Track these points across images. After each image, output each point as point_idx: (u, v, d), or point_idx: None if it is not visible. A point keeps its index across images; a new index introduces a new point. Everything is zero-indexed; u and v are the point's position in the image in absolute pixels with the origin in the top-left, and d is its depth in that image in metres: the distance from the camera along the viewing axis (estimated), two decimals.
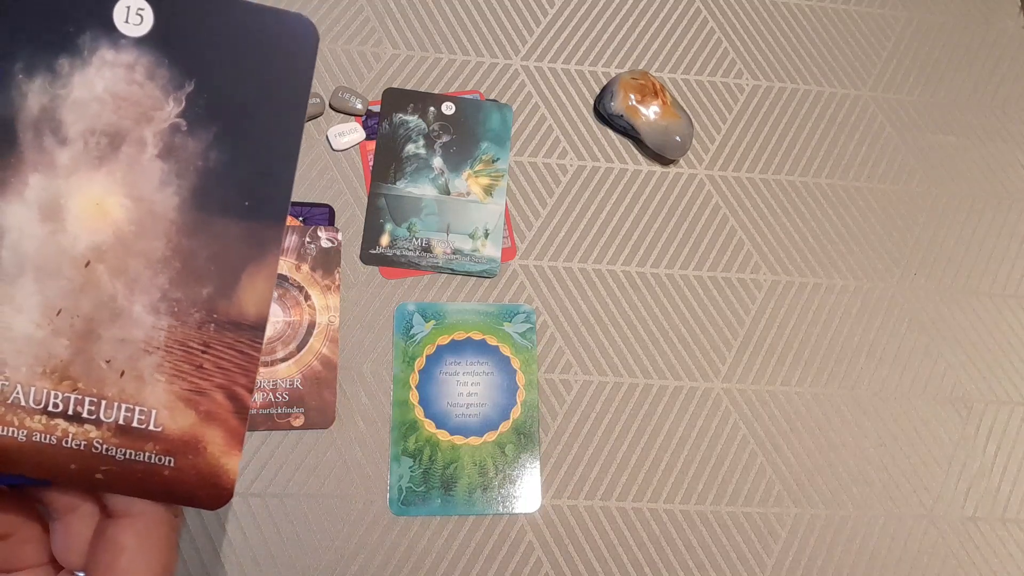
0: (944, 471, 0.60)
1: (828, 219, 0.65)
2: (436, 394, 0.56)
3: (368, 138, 0.61)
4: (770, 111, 0.67)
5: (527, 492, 0.55)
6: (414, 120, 0.62)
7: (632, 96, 0.62)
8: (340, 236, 0.58)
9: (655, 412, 0.58)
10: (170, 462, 0.24)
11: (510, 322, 0.58)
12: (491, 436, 0.56)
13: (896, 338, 0.63)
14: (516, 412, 0.56)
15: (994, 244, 0.67)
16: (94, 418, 0.23)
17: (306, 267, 0.57)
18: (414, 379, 0.56)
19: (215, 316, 0.24)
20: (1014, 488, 0.60)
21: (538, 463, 0.55)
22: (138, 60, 0.23)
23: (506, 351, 0.58)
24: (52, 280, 0.23)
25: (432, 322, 0.58)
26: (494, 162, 0.62)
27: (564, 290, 0.60)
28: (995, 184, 0.68)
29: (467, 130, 0.62)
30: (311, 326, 0.56)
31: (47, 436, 0.23)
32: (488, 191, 0.61)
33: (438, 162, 0.61)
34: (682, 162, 0.65)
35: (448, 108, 0.62)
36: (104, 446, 0.23)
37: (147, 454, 0.24)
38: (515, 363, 0.57)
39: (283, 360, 0.55)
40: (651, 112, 0.62)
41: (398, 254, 0.59)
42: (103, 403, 0.23)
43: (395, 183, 0.60)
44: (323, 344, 0.56)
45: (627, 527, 0.55)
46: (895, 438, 0.60)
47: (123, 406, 0.23)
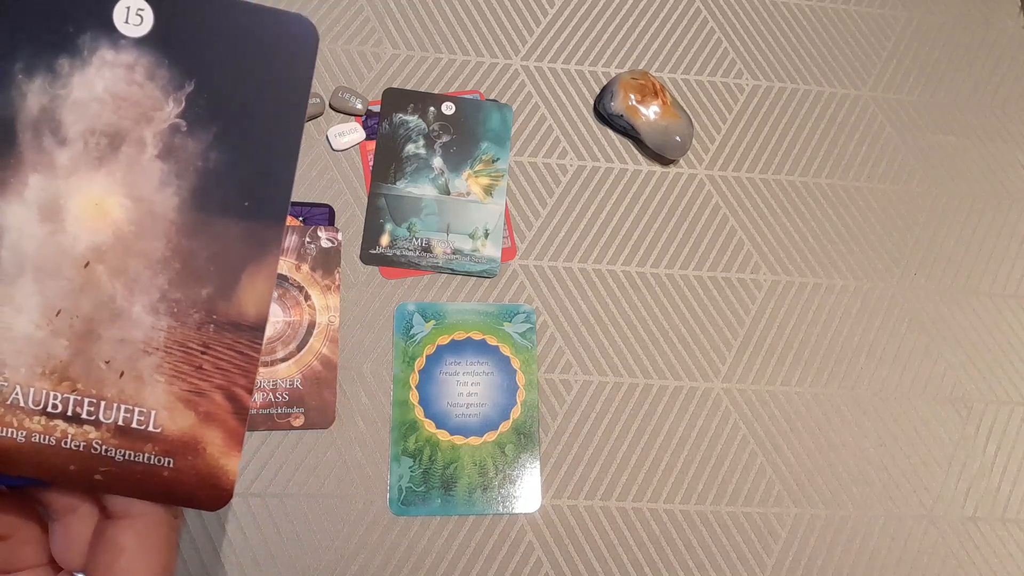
0: (944, 471, 0.60)
1: (828, 219, 0.65)
2: (436, 394, 0.56)
3: (368, 138, 0.61)
4: (770, 111, 0.67)
5: (527, 492, 0.55)
6: (414, 120, 0.62)
7: (632, 96, 0.62)
8: (340, 236, 0.58)
9: (655, 412, 0.58)
10: (169, 463, 0.24)
11: (510, 322, 0.58)
12: (491, 436, 0.56)
13: (896, 338, 0.63)
14: (516, 412, 0.56)
15: (994, 244, 0.66)
16: (93, 419, 0.23)
17: (306, 267, 0.57)
18: (414, 379, 0.56)
19: (215, 317, 0.24)
20: (1014, 488, 0.60)
21: (538, 463, 0.55)
22: (138, 60, 0.23)
23: (506, 351, 0.58)
24: (52, 280, 0.23)
25: (432, 322, 0.57)
26: (494, 162, 0.62)
27: (564, 290, 0.60)
28: (995, 184, 0.68)
29: (467, 130, 0.62)
30: (311, 326, 0.56)
31: (46, 437, 0.23)
32: (488, 191, 0.61)
33: (438, 162, 0.61)
34: (682, 162, 0.65)
35: (448, 108, 0.62)
36: (103, 447, 0.23)
37: (146, 455, 0.24)
38: (515, 363, 0.57)
39: (283, 360, 0.55)
40: (651, 112, 0.62)
41: (398, 254, 0.59)
42: (102, 404, 0.23)
43: (395, 183, 0.60)
44: (323, 344, 0.56)
45: (627, 527, 0.55)
46: (895, 438, 0.60)
47: (122, 407, 0.23)
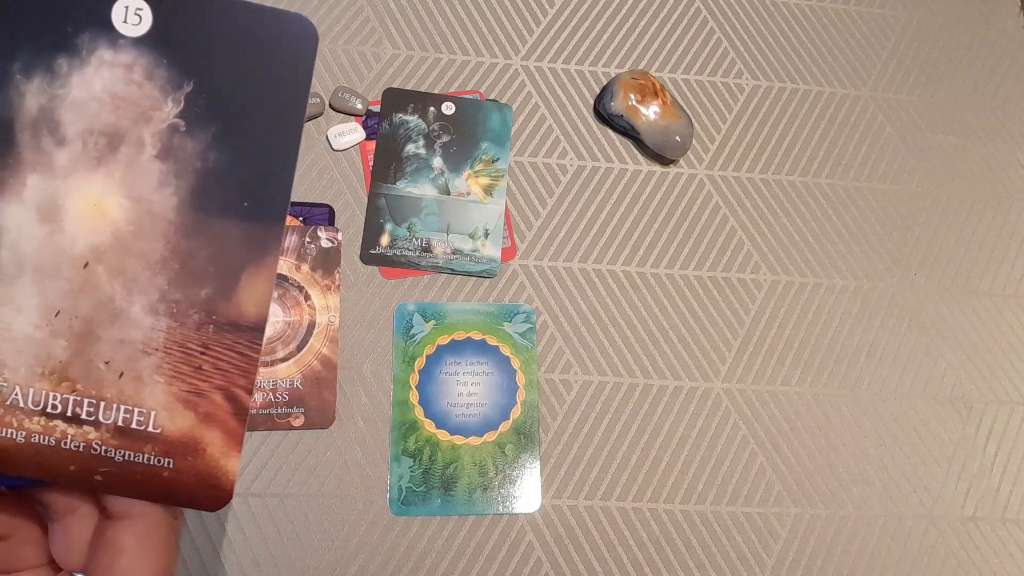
0: (944, 471, 0.60)
1: (828, 219, 0.65)
2: (436, 394, 0.56)
3: (368, 138, 0.61)
4: (770, 111, 0.67)
5: (527, 492, 0.55)
6: (414, 120, 0.62)
7: (632, 96, 0.62)
8: (340, 236, 0.58)
9: (655, 412, 0.58)
10: (169, 463, 0.24)
11: (510, 322, 0.58)
12: (491, 436, 0.56)
13: (896, 338, 0.63)
14: (516, 412, 0.56)
15: (994, 244, 0.66)
16: (93, 419, 0.23)
17: (306, 267, 0.57)
18: (414, 379, 0.56)
19: (214, 317, 0.24)
20: (1014, 488, 0.60)
21: (538, 463, 0.55)
22: (137, 60, 0.23)
23: (506, 351, 0.58)
24: (51, 281, 0.23)
25: (432, 322, 0.57)
26: (494, 162, 0.62)
27: (564, 290, 0.60)
28: (995, 184, 0.68)
29: (467, 130, 0.62)
30: (311, 326, 0.56)
31: (46, 437, 0.23)
32: (488, 191, 0.61)
33: (438, 162, 0.61)
34: (682, 162, 0.65)
35: (448, 108, 0.62)
36: (103, 447, 0.23)
37: (146, 455, 0.24)
38: (515, 363, 0.57)
39: (283, 360, 0.55)
40: (651, 112, 0.62)
41: (398, 254, 0.59)
42: (102, 404, 0.23)
43: (395, 183, 0.60)
44: (323, 344, 0.56)
45: (627, 527, 0.55)
46: (895, 438, 0.60)
47: (122, 407, 0.23)
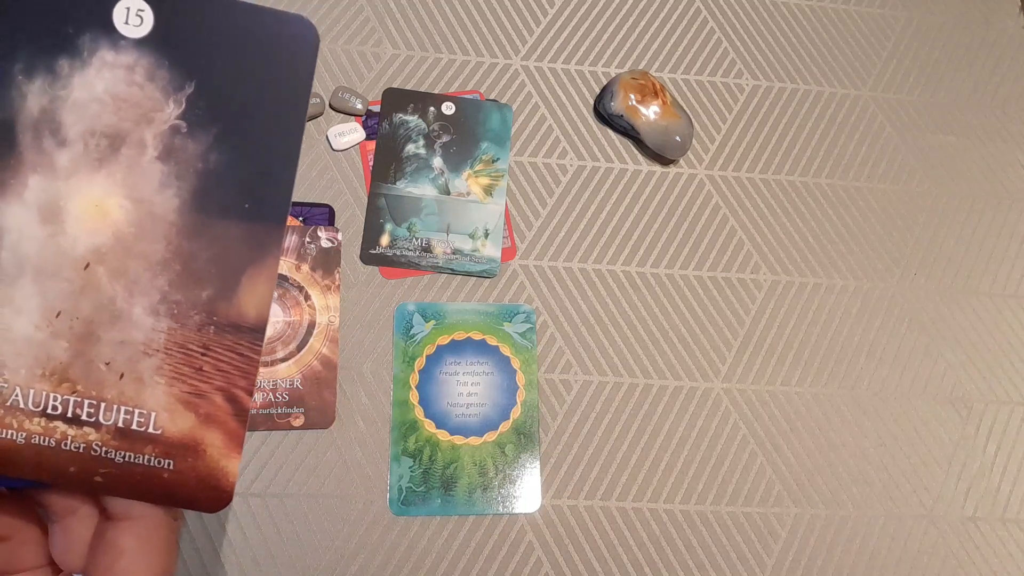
0: (944, 471, 0.60)
1: (828, 219, 0.65)
2: (436, 394, 0.56)
3: (368, 138, 0.61)
4: (770, 111, 0.67)
5: (527, 492, 0.55)
6: (414, 120, 0.62)
7: (632, 96, 0.62)
8: (340, 236, 0.58)
9: (655, 412, 0.58)
10: (169, 465, 0.24)
11: (510, 322, 0.58)
12: (491, 436, 0.56)
13: (896, 338, 0.63)
14: (516, 412, 0.56)
15: (994, 244, 0.66)
16: (93, 420, 0.23)
17: (306, 267, 0.57)
18: (414, 379, 0.56)
19: (215, 318, 0.24)
20: (1014, 488, 0.60)
21: (538, 463, 0.55)
22: (138, 61, 0.23)
23: (506, 351, 0.58)
24: (52, 282, 0.23)
25: (432, 322, 0.57)
26: (494, 162, 0.62)
27: (564, 290, 0.60)
28: (995, 184, 0.68)
29: (467, 130, 0.62)
30: (311, 326, 0.56)
31: (46, 438, 0.23)
32: (488, 191, 0.61)
33: (438, 162, 0.61)
34: (682, 162, 0.65)
35: (448, 108, 0.62)
36: (103, 448, 0.23)
37: (146, 457, 0.24)
38: (515, 363, 0.57)
39: (283, 360, 0.55)
40: (651, 112, 0.62)
41: (398, 254, 0.59)
42: (102, 405, 0.23)
43: (395, 183, 0.60)
44: (323, 344, 0.56)
45: (627, 527, 0.55)
46: (895, 438, 0.60)
47: (122, 408, 0.23)
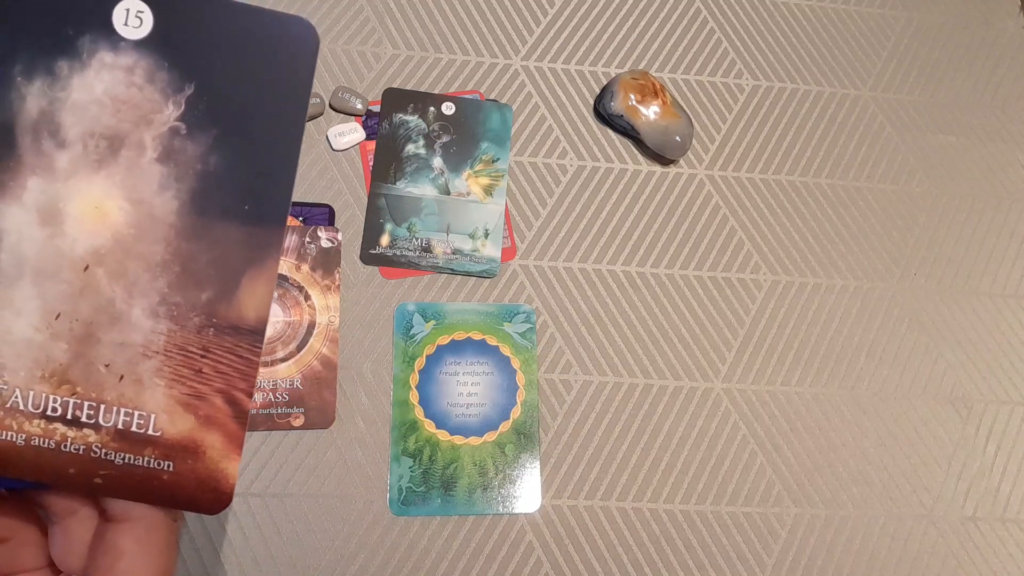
0: (944, 471, 0.60)
1: (828, 219, 0.65)
2: (436, 394, 0.56)
3: (368, 138, 0.61)
4: (770, 111, 0.67)
5: (527, 492, 0.55)
6: (414, 120, 0.62)
7: (632, 96, 0.62)
8: (340, 236, 0.58)
9: (655, 412, 0.58)
10: (169, 466, 0.24)
11: (510, 322, 0.58)
12: (491, 436, 0.56)
13: (896, 338, 0.63)
14: (516, 412, 0.56)
15: (994, 244, 0.66)
16: (93, 422, 0.23)
17: (306, 267, 0.57)
18: (414, 379, 0.56)
19: (214, 320, 0.24)
20: (1014, 488, 0.60)
21: (538, 463, 0.55)
22: (137, 63, 0.23)
23: (506, 351, 0.58)
24: (51, 284, 0.23)
25: (432, 322, 0.57)
26: (494, 162, 0.62)
27: (564, 290, 0.60)
28: (995, 184, 0.68)
29: (467, 130, 0.62)
30: (311, 326, 0.56)
31: (46, 440, 0.23)
32: (488, 191, 0.61)
33: (438, 162, 0.61)
34: (682, 162, 0.65)
35: (448, 108, 0.62)
36: (103, 450, 0.23)
37: (146, 458, 0.24)
38: (515, 363, 0.57)
39: (283, 360, 0.55)
40: (651, 112, 0.62)
41: (398, 254, 0.59)
42: (102, 407, 0.23)
43: (395, 183, 0.60)
44: (323, 344, 0.56)
45: (627, 527, 0.55)
46: (895, 438, 0.60)
47: (122, 410, 0.23)
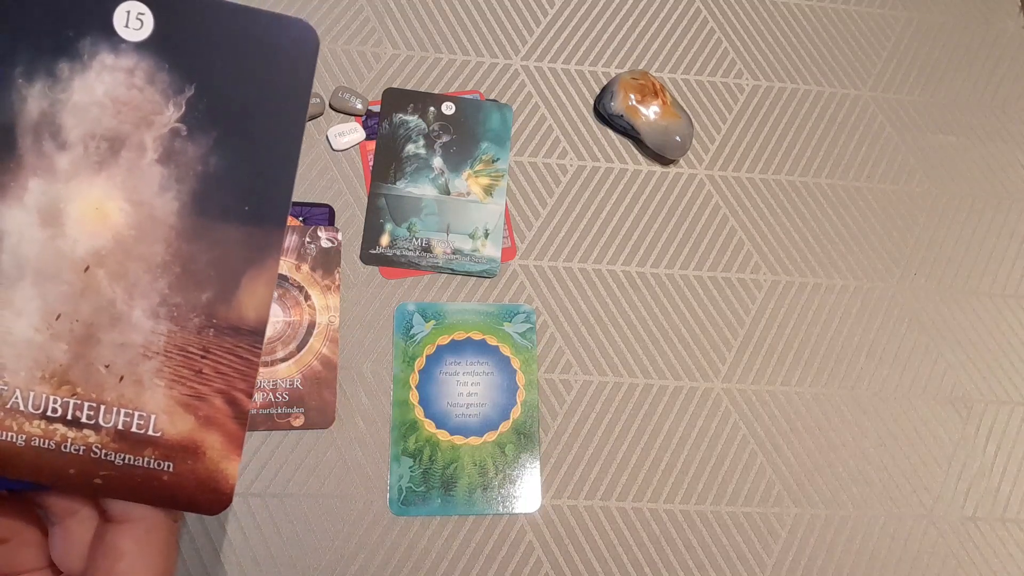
0: (944, 471, 0.60)
1: (828, 219, 0.65)
2: (436, 394, 0.56)
3: (368, 138, 0.61)
4: (770, 111, 0.67)
5: (527, 492, 0.55)
6: (414, 120, 0.62)
7: (632, 96, 0.62)
8: (340, 236, 0.58)
9: (655, 412, 0.58)
10: (169, 467, 0.24)
11: (510, 322, 0.58)
12: (491, 436, 0.56)
13: (896, 338, 0.63)
14: (516, 412, 0.56)
15: (994, 244, 0.66)
16: (93, 423, 0.23)
17: (306, 267, 0.57)
18: (414, 379, 0.56)
19: (214, 321, 0.24)
20: (1014, 488, 0.60)
21: (538, 463, 0.55)
22: (138, 64, 0.23)
23: (506, 351, 0.58)
24: (51, 284, 0.23)
25: (432, 322, 0.57)
26: (494, 162, 0.62)
27: (564, 290, 0.60)
28: (995, 184, 0.68)
29: (467, 130, 0.62)
30: (311, 326, 0.56)
31: (46, 441, 0.23)
32: (488, 191, 0.61)
33: (438, 162, 0.61)
34: (682, 162, 0.65)
35: (448, 108, 0.62)
36: (103, 451, 0.23)
37: (146, 459, 0.24)
38: (515, 363, 0.57)
39: (283, 360, 0.55)
40: (651, 112, 0.62)
41: (398, 254, 0.59)
42: (102, 408, 0.23)
43: (395, 183, 0.60)
44: (323, 344, 0.56)
45: (627, 527, 0.55)
46: (895, 438, 0.60)
47: (122, 411, 0.23)
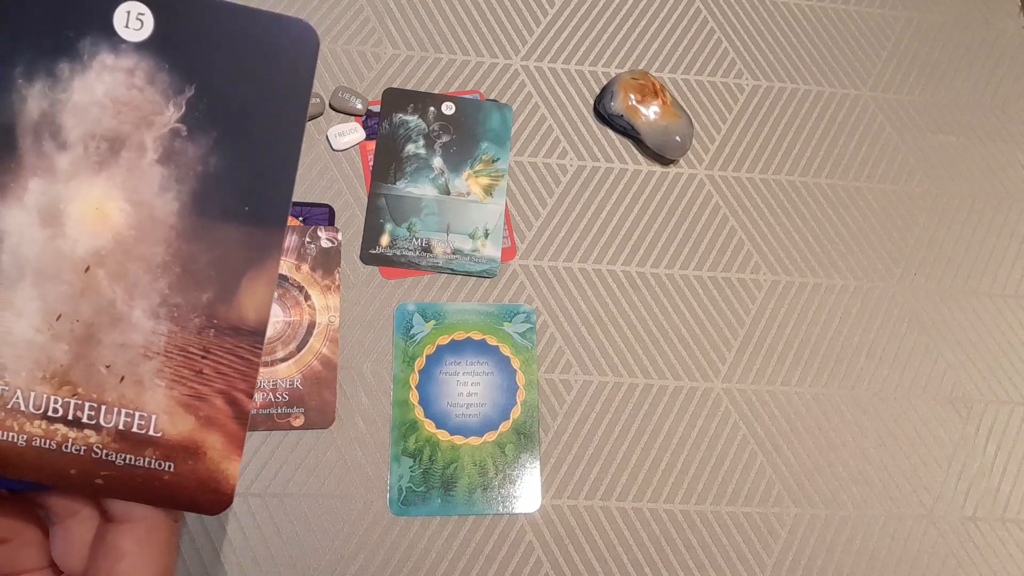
0: (944, 471, 0.60)
1: (828, 219, 0.65)
2: (436, 394, 0.56)
3: (368, 138, 0.61)
4: (770, 111, 0.67)
5: (527, 492, 0.55)
6: (414, 120, 0.62)
7: (632, 96, 0.62)
8: (340, 236, 0.58)
9: (655, 412, 0.58)
10: (170, 467, 0.24)
11: (510, 322, 0.58)
12: (491, 436, 0.56)
13: (896, 338, 0.63)
14: (516, 412, 0.56)
15: (994, 244, 0.66)
16: (94, 423, 0.23)
17: (306, 267, 0.57)
18: (414, 379, 0.56)
19: (215, 321, 0.24)
20: (1014, 488, 0.60)
21: (538, 463, 0.55)
22: (138, 65, 0.23)
23: (506, 351, 0.58)
24: (52, 285, 0.23)
25: (432, 322, 0.57)
26: (494, 162, 0.62)
27: (564, 290, 0.60)
28: (995, 184, 0.68)
29: (467, 130, 0.62)
30: (311, 326, 0.56)
31: (47, 441, 0.23)
32: (488, 191, 0.61)
33: (438, 162, 0.61)
34: (682, 162, 0.65)
35: (448, 108, 0.62)
36: (104, 451, 0.23)
37: (147, 459, 0.24)
38: (515, 363, 0.57)
39: (283, 360, 0.55)
40: (651, 112, 0.62)
41: (398, 254, 0.59)
42: (103, 408, 0.23)
43: (395, 183, 0.60)
44: (323, 344, 0.56)
45: (627, 527, 0.55)
46: (895, 438, 0.60)
47: (123, 411, 0.23)
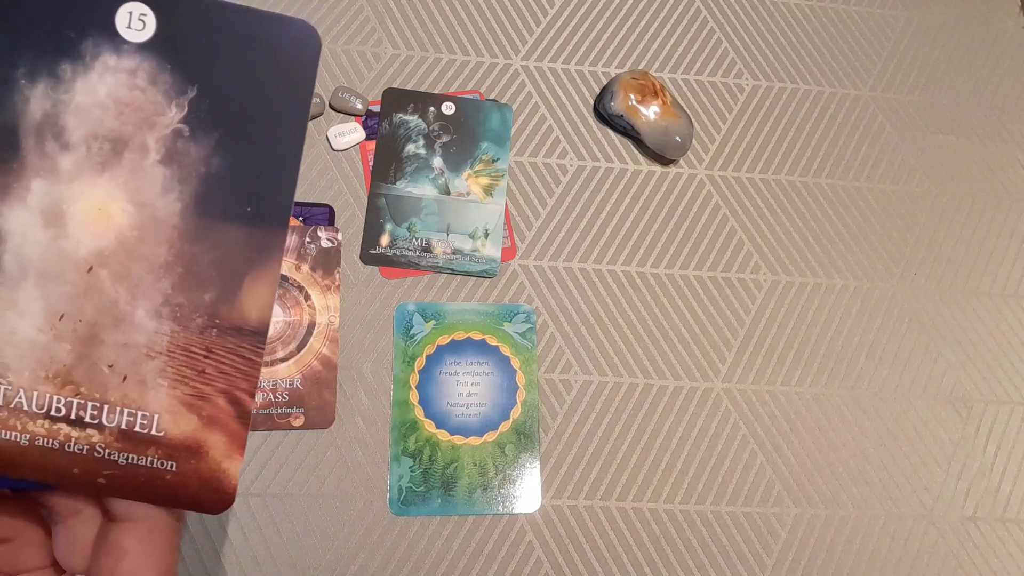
0: (944, 471, 0.60)
1: (828, 219, 0.65)
2: (436, 394, 0.56)
3: (368, 138, 0.61)
4: (770, 111, 0.67)
5: (527, 492, 0.55)
6: (414, 120, 0.62)
7: (632, 96, 0.62)
8: (340, 236, 0.58)
9: (655, 412, 0.58)
10: (172, 466, 0.24)
11: (510, 322, 0.58)
12: (491, 436, 0.56)
13: (896, 338, 0.63)
14: (516, 412, 0.56)
15: (994, 244, 0.67)
16: (97, 423, 0.23)
17: (306, 267, 0.57)
18: (414, 379, 0.56)
19: (217, 321, 0.24)
20: (1014, 488, 0.60)
21: (538, 463, 0.56)
22: (140, 65, 0.23)
23: (506, 351, 0.58)
24: (55, 285, 0.23)
25: (432, 322, 0.58)
26: (494, 162, 0.62)
27: (564, 290, 0.60)
28: (995, 184, 0.68)
29: (467, 130, 0.62)
30: (311, 326, 0.56)
31: (50, 440, 0.23)
32: (488, 191, 0.61)
33: (438, 162, 0.61)
34: (682, 162, 0.65)
35: (448, 108, 0.62)
36: (107, 450, 0.23)
37: (149, 459, 0.24)
38: (515, 363, 0.57)
39: (283, 360, 0.55)
40: (651, 112, 0.62)
41: (398, 254, 0.59)
42: (105, 408, 0.23)
43: (395, 183, 0.60)
44: (323, 344, 0.56)
45: (627, 527, 0.55)
46: (895, 438, 0.60)
47: (125, 411, 0.24)
